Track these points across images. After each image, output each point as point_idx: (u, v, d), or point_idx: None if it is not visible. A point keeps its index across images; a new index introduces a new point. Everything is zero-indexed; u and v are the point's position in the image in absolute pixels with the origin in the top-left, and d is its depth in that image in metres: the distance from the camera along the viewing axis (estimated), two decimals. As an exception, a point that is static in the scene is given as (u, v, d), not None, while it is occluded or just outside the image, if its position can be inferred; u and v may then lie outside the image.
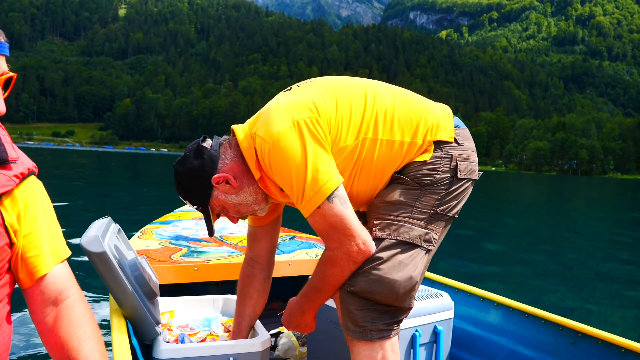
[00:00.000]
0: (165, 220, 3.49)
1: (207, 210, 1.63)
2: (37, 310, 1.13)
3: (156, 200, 14.60)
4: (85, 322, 1.14)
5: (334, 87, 1.58)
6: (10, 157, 1.10)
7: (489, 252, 9.04)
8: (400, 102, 1.57)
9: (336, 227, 1.44)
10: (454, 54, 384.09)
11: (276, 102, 1.56)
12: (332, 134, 1.49)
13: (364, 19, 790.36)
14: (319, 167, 1.42)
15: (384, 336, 1.48)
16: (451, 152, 1.56)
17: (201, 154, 1.59)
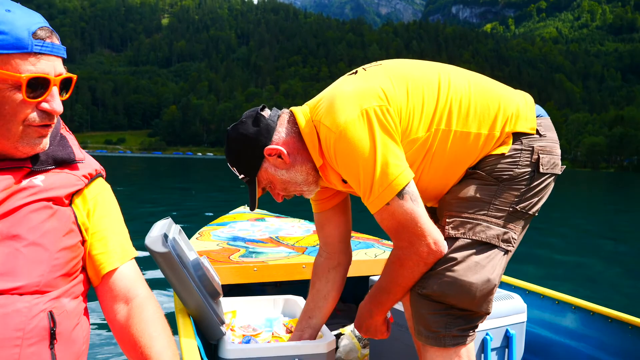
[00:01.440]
0: (221, 222, 3.53)
1: (253, 182, 1.56)
2: (108, 308, 1.17)
3: (207, 203, 14.64)
4: (156, 320, 1.17)
5: (405, 72, 1.45)
6: (77, 157, 1.16)
7: (554, 251, 8.60)
8: (476, 90, 1.44)
9: (406, 225, 1.34)
10: (499, 47, 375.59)
11: (342, 88, 1.44)
12: (402, 124, 1.38)
13: (404, 16, 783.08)
14: (389, 161, 1.32)
15: (459, 342, 1.38)
16: (532, 144, 1.42)
17: (258, 122, 1.51)
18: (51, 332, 1.00)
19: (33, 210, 1.04)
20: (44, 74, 1.01)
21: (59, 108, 1.06)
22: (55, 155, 1.13)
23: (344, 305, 2.69)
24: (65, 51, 1.09)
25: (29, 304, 0.98)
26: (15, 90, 0.99)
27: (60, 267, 1.05)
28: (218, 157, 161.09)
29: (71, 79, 1.10)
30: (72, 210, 1.12)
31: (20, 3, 1.01)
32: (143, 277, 1.23)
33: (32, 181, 1.06)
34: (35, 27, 1.01)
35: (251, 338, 1.84)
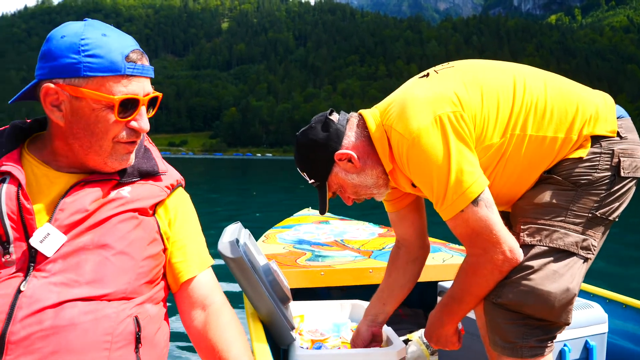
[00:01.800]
0: (286, 225, 3.54)
1: (324, 187, 1.56)
2: (186, 314, 1.22)
3: (269, 205, 14.39)
4: (232, 326, 1.21)
5: (478, 75, 1.40)
6: (160, 169, 1.22)
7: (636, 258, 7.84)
8: (553, 92, 1.38)
9: (480, 232, 1.31)
10: (565, 39, 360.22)
11: (414, 92, 1.40)
12: (476, 130, 1.34)
13: (464, 11, 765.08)
14: (463, 168, 1.29)
15: (537, 354, 1.32)
16: (612, 147, 1.35)
17: (327, 127, 1.50)
18: (137, 336, 1.05)
19: (121, 221, 1.10)
20: (134, 95, 1.08)
21: (146, 126, 1.12)
22: (140, 167, 1.19)
23: (411, 310, 2.64)
24: (153, 71, 1.15)
25: (116, 310, 1.04)
26: (108, 111, 1.06)
27: (144, 275, 1.12)
28: (277, 158, 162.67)
29: (157, 98, 1.17)
30: (156, 220, 1.18)
31: (92, 14, 1.41)
32: (219, 284, 1.28)
33: (120, 193, 1.13)
34: (128, 51, 1.07)
35: (322, 345, 1.83)
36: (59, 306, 0.98)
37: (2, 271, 1.00)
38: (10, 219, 1.02)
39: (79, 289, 1.01)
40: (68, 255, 1.03)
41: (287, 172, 43.58)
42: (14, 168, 1.06)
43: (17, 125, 1.17)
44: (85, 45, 1.03)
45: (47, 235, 1.02)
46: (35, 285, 0.99)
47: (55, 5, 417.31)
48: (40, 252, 1.01)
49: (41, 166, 1.12)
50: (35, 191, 1.08)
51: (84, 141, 1.09)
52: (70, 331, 0.97)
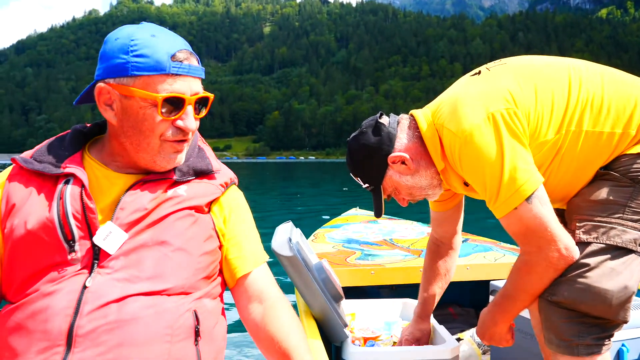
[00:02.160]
0: (335, 224, 3.57)
1: (378, 190, 1.56)
2: (243, 308, 1.25)
3: (314, 206, 13.73)
4: (290, 317, 1.23)
5: (532, 71, 1.38)
6: (214, 168, 1.26)
7: None
8: (610, 86, 1.35)
9: (534, 230, 1.29)
10: (617, 33, 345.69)
11: (465, 90, 1.40)
12: (530, 127, 1.33)
13: (509, 7, 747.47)
14: (517, 166, 1.27)
15: (594, 352, 1.29)
16: None
17: (379, 131, 1.51)
18: (196, 329, 1.09)
19: (178, 218, 1.13)
20: (179, 94, 1.10)
21: (192, 126, 1.14)
22: (195, 166, 1.22)
23: (463, 309, 2.65)
24: (204, 72, 1.17)
25: (176, 304, 1.08)
26: (154, 109, 1.09)
27: (201, 271, 1.15)
28: (320, 161, 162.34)
29: (207, 98, 1.19)
30: (211, 217, 1.21)
31: (133, 20, 1.39)
32: (275, 280, 1.29)
33: (177, 191, 1.16)
34: (174, 50, 1.10)
35: (374, 342, 1.84)
36: (122, 301, 1.03)
37: (69, 268, 1.05)
38: (75, 218, 1.06)
39: (140, 284, 1.06)
40: (129, 252, 1.07)
41: (330, 174, 43.24)
42: (77, 169, 1.11)
43: (78, 129, 1.23)
44: (134, 45, 1.08)
45: (110, 233, 1.07)
46: (99, 281, 1.04)
47: (102, 16, 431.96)
48: (103, 249, 1.06)
49: (101, 167, 1.16)
50: (96, 191, 1.12)
51: (134, 139, 1.12)
52: (133, 324, 1.02)
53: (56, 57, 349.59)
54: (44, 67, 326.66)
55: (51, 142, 1.19)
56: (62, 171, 1.11)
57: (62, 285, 1.03)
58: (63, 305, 1.00)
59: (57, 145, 1.18)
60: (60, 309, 1.00)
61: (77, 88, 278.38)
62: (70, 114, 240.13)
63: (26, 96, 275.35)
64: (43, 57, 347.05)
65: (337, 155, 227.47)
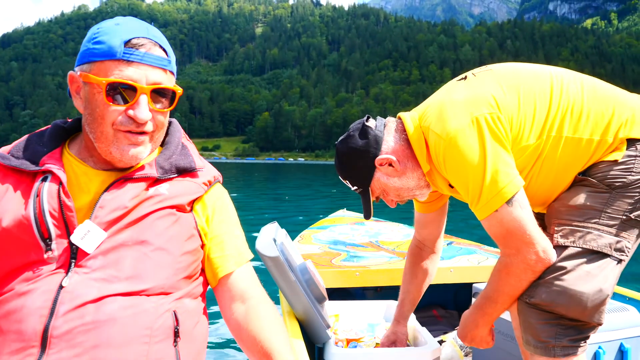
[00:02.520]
0: (321, 226, 3.56)
1: (367, 192, 1.59)
2: (226, 307, 1.23)
3: (301, 208, 14.42)
4: (273, 318, 1.21)
5: (515, 78, 1.44)
6: (197, 166, 1.23)
7: None
8: (590, 95, 1.40)
9: (514, 232, 1.33)
10: (601, 43, 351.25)
11: (451, 94, 1.45)
12: (513, 132, 1.37)
13: (499, 15, 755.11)
14: (499, 169, 1.31)
15: (569, 353, 1.33)
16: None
17: (366, 134, 1.54)
18: (175, 330, 1.07)
19: (159, 217, 1.11)
20: (127, 81, 1.05)
21: (142, 116, 1.08)
22: (178, 164, 1.19)
23: (446, 312, 2.67)
24: (170, 63, 1.12)
25: (155, 304, 1.05)
26: (103, 94, 1.06)
27: (182, 270, 1.13)
28: (309, 162, 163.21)
29: (172, 92, 1.13)
30: (193, 216, 1.19)
31: (123, 16, 1.11)
32: (258, 279, 1.28)
33: (158, 189, 1.14)
34: (130, 37, 1.06)
35: (357, 344, 1.84)
36: (100, 301, 1.00)
37: (44, 267, 1.02)
38: (52, 216, 1.04)
39: (118, 284, 1.03)
40: (108, 251, 1.05)
41: (320, 176, 44.17)
42: (55, 167, 1.08)
43: (58, 125, 1.19)
44: (97, 33, 1.07)
45: (88, 232, 1.04)
46: (76, 281, 1.01)
47: (92, 12, 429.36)
48: (81, 248, 1.03)
49: (80, 164, 1.13)
50: (75, 189, 1.09)
51: (92, 127, 1.10)
52: (111, 325, 0.99)
53: (43, 51, 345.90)
54: (30, 62, 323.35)
55: (30, 138, 1.16)
56: (40, 168, 1.08)
57: (38, 284, 1.00)
58: (38, 305, 0.98)
59: (36, 140, 1.15)
60: (35, 308, 0.97)
61: (64, 84, 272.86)
62: (55, 110, 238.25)
63: (11, 91, 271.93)
64: (29, 51, 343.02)
65: (326, 157, 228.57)
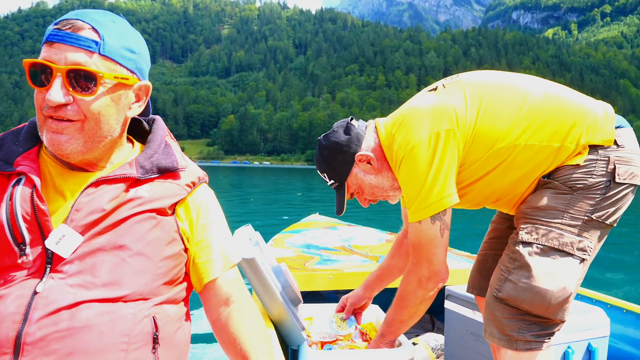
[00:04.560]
0: (294, 230, 3.58)
1: (343, 187, 1.66)
2: (211, 310, 1.22)
3: (267, 212, 14.03)
4: (255, 321, 1.23)
5: (481, 89, 1.51)
6: (180, 165, 1.17)
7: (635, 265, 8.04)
8: (552, 104, 1.47)
9: (423, 246, 1.48)
10: (561, 53, 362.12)
11: (419, 104, 1.53)
12: (467, 145, 1.48)
13: (464, 23, 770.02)
14: (436, 185, 1.43)
15: (532, 347, 1.40)
16: (608, 154, 1.42)
17: (349, 131, 1.63)
18: (154, 336, 1.04)
19: (138, 221, 1.07)
20: (41, 60, 0.99)
21: (52, 97, 0.98)
22: (160, 164, 1.15)
23: None
24: (98, 45, 1.00)
25: (133, 311, 1.02)
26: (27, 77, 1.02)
27: (162, 276, 1.09)
28: (274, 166, 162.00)
29: (93, 74, 1.00)
30: (175, 219, 1.15)
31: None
32: (244, 282, 1.27)
33: (138, 192, 1.09)
34: (62, 19, 1.01)
35: (332, 346, 1.86)
36: (75, 307, 0.97)
37: (18, 273, 0.99)
38: (25, 220, 1.00)
39: (95, 290, 1.00)
40: (85, 256, 1.01)
41: (285, 179, 43.67)
42: (29, 168, 1.04)
43: (34, 123, 1.12)
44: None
45: (63, 236, 1.01)
46: (51, 286, 0.98)
47: (51, 8, 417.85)
48: (57, 253, 1.00)
49: (55, 165, 1.09)
50: (51, 191, 1.06)
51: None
52: (86, 332, 0.97)
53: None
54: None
55: (4, 137, 1.11)
56: (14, 169, 1.04)
57: (11, 289, 0.98)
58: (11, 311, 0.95)
59: (11, 140, 1.10)
60: (8, 314, 0.95)
61: (21, 83, 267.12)
62: (12, 110, 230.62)
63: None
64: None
65: (292, 161, 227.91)
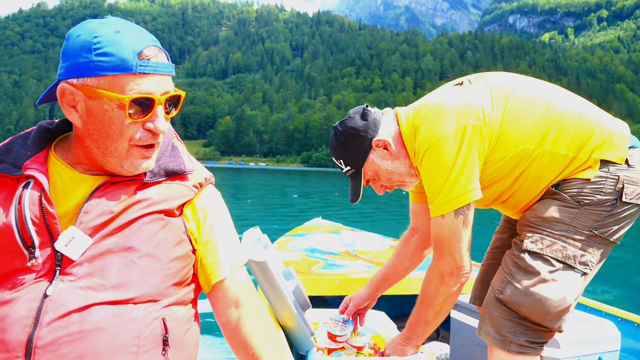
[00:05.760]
0: (297, 233, 3.57)
1: (359, 173, 1.65)
2: (220, 312, 1.21)
3: (265, 214, 14.38)
4: (266, 324, 1.22)
5: (507, 91, 1.54)
6: (187, 168, 1.18)
7: None
8: (573, 114, 1.50)
9: (446, 240, 1.47)
10: (558, 57, 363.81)
11: (446, 98, 1.53)
12: (491, 144, 1.49)
13: (460, 27, 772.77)
14: (461, 178, 1.43)
15: (524, 352, 1.43)
16: (618, 173, 1.45)
17: (365, 116, 1.63)
18: (164, 338, 1.04)
19: (146, 223, 1.08)
20: (147, 94, 1.03)
21: (162, 127, 1.07)
22: (167, 167, 1.15)
23: None
24: (174, 68, 1.10)
25: (143, 313, 1.02)
26: (121, 111, 1.03)
27: (171, 277, 1.10)
28: (270, 168, 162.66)
29: (178, 96, 1.12)
30: (183, 220, 1.15)
31: (84, 15, 1.10)
32: (252, 284, 1.26)
33: (146, 193, 1.10)
34: (141, 47, 1.03)
35: (339, 353, 1.82)
36: (85, 310, 0.98)
37: (27, 276, 0.99)
38: (34, 223, 1.01)
39: (104, 292, 1.00)
40: (94, 258, 1.02)
41: (281, 181, 44.15)
42: (38, 172, 1.05)
43: (43, 126, 1.15)
44: (97, 43, 1.00)
45: (72, 238, 1.01)
46: (61, 289, 0.98)
47: (51, 9, 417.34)
48: (66, 255, 1.01)
49: (67, 168, 1.10)
50: (60, 194, 1.06)
51: (100, 143, 1.06)
52: (97, 335, 0.97)
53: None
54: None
55: (13, 140, 1.12)
56: (22, 173, 1.05)
57: (21, 293, 0.98)
58: (21, 315, 0.95)
59: (20, 143, 1.11)
60: (18, 318, 0.95)
61: (20, 82, 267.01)
62: (11, 109, 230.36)
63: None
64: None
65: (287, 162, 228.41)
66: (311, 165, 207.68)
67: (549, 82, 1.56)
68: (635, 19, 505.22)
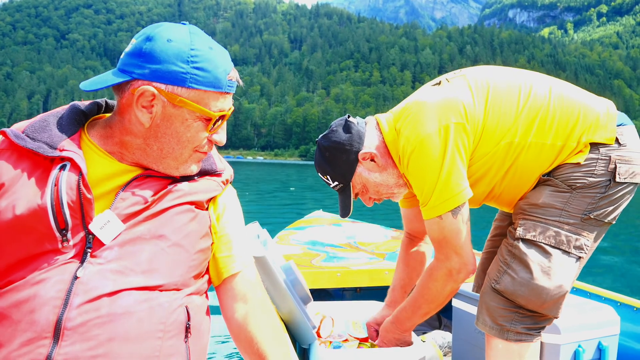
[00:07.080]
0: (298, 226, 3.59)
1: (347, 188, 1.62)
2: (227, 306, 1.22)
3: (263, 208, 13.55)
4: (272, 320, 1.24)
5: (487, 85, 1.51)
6: (218, 168, 1.24)
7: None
8: (556, 101, 1.47)
9: (449, 240, 1.45)
10: (557, 52, 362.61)
11: (425, 99, 1.50)
12: (475, 140, 1.47)
13: (460, 20, 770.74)
14: (451, 178, 1.41)
15: (522, 339, 1.43)
16: (610, 153, 1.43)
17: (349, 129, 1.58)
18: (187, 326, 1.07)
19: (178, 213, 1.10)
20: (226, 112, 1.12)
21: (224, 140, 1.17)
22: (201, 167, 1.19)
23: None
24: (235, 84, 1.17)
25: (169, 299, 1.05)
26: (201, 123, 1.09)
27: (194, 268, 1.12)
28: (268, 161, 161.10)
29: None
30: (209, 214, 1.18)
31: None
32: (260, 281, 1.28)
33: (178, 185, 1.13)
34: (230, 68, 1.11)
35: (341, 344, 1.84)
36: (115, 294, 0.99)
37: (59, 257, 1.00)
38: (70, 208, 1.01)
39: (134, 277, 1.02)
40: (125, 243, 1.03)
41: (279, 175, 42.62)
42: (76, 155, 1.04)
43: (77, 108, 1.14)
44: (195, 56, 1.04)
45: (108, 222, 1.03)
46: (91, 272, 0.99)
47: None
48: (99, 238, 1.02)
49: (102, 154, 1.10)
50: (94, 179, 1.06)
51: (166, 145, 1.09)
52: (127, 319, 0.98)
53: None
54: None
55: (46, 118, 1.09)
56: (59, 154, 1.03)
57: (51, 273, 0.98)
58: (51, 295, 0.95)
59: (54, 122, 1.09)
60: (48, 298, 0.95)
61: (13, 74, 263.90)
62: (4, 102, 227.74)
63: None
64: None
65: (285, 156, 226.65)
66: (309, 159, 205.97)
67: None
68: (635, 14, 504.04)
